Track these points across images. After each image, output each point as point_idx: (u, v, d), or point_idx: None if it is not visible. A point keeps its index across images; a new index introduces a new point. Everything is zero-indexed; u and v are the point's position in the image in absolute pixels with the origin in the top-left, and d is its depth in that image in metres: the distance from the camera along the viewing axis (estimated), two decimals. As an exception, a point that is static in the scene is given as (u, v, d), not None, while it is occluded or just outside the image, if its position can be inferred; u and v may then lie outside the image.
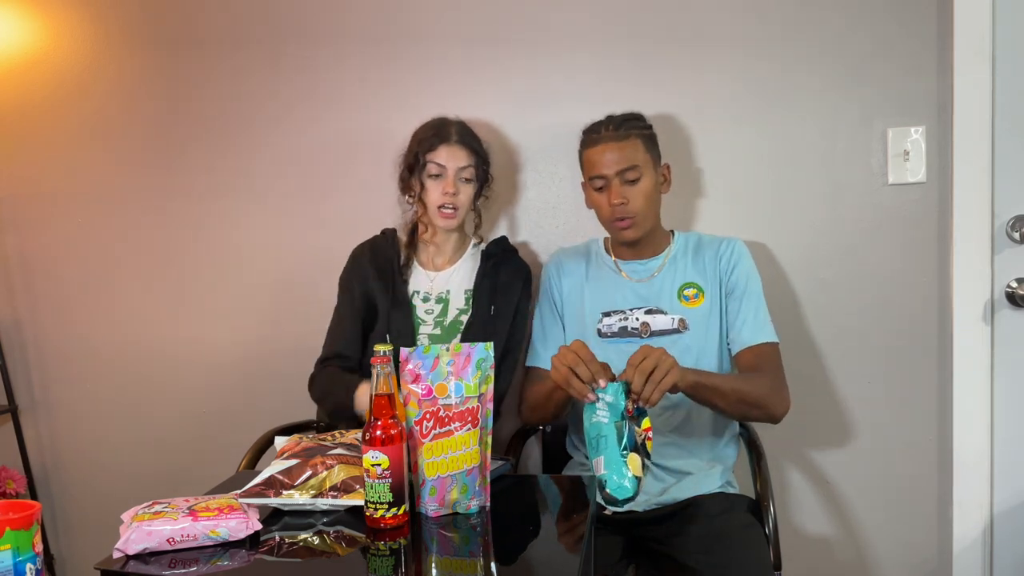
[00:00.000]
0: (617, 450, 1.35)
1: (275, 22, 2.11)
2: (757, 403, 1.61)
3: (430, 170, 1.75)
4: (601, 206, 1.71)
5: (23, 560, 1.04)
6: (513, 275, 1.84)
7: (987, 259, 1.85)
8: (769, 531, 1.62)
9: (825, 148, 1.91)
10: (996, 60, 1.81)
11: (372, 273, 1.80)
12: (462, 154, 1.76)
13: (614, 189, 1.67)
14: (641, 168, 1.67)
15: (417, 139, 1.78)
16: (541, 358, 1.78)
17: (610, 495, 1.35)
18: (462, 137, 1.77)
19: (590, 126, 1.75)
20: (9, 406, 2.33)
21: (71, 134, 2.26)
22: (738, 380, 1.63)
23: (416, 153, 1.76)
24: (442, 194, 1.74)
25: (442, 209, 1.75)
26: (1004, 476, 1.90)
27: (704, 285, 1.73)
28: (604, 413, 1.38)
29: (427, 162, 1.74)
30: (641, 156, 1.68)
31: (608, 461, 1.35)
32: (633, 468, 1.35)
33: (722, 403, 1.56)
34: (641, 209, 1.68)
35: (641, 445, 1.37)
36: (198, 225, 2.21)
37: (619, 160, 1.66)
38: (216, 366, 2.23)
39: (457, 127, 1.79)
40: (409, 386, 1.24)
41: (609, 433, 1.36)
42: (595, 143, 1.70)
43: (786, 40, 1.90)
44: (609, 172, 1.67)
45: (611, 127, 1.69)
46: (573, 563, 1.10)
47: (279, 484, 1.27)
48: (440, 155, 1.74)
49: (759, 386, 1.62)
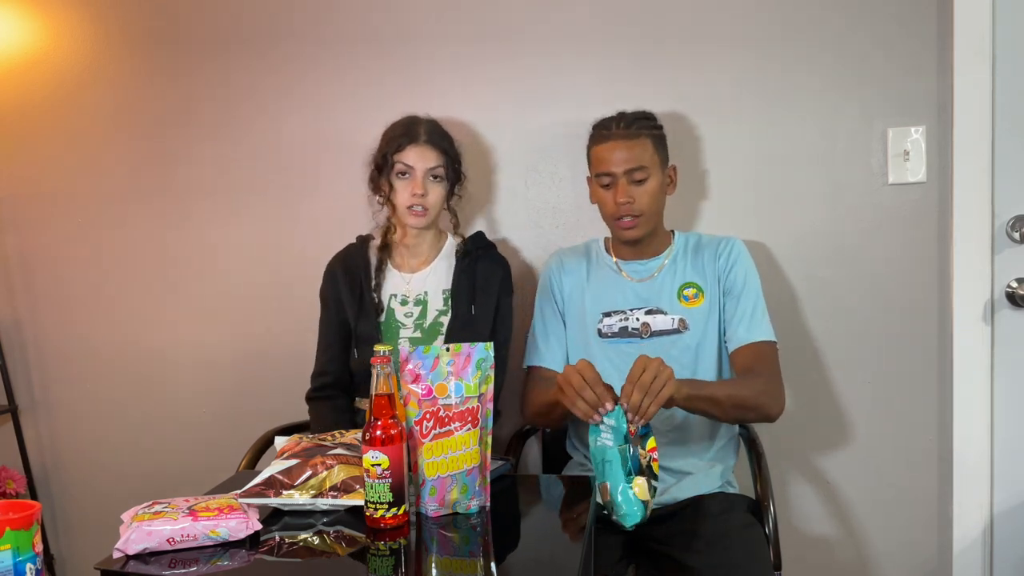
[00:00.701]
0: (622, 476, 1.36)
1: (277, 22, 2.11)
2: (753, 406, 1.61)
3: (398, 170, 1.73)
4: (606, 203, 1.71)
5: (23, 560, 1.04)
6: (491, 272, 1.81)
7: (987, 259, 1.85)
8: (769, 531, 1.62)
9: (825, 148, 1.91)
10: (996, 60, 1.81)
11: (343, 283, 1.80)
12: (431, 154, 1.73)
13: (621, 188, 1.67)
14: (649, 169, 1.67)
15: (386, 139, 1.76)
16: (544, 357, 1.78)
17: (618, 521, 1.36)
18: (431, 137, 1.75)
19: (601, 121, 1.74)
20: (9, 406, 2.33)
21: (71, 134, 2.26)
22: (733, 386, 1.63)
23: (384, 153, 1.74)
24: (411, 195, 1.73)
25: (412, 209, 1.73)
26: (1004, 476, 1.90)
27: (703, 285, 1.73)
28: (608, 436, 1.39)
29: (395, 162, 1.73)
30: (649, 157, 1.68)
31: (614, 487, 1.36)
32: (640, 492, 1.35)
33: (718, 412, 1.57)
34: (646, 209, 1.68)
35: (647, 467, 1.37)
36: (199, 225, 2.20)
37: (628, 159, 1.66)
38: (216, 366, 2.23)
39: (427, 126, 1.76)
40: (409, 386, 1.23)
41: (614, 458, 1.36)
42: (605, 140, 1.69)
43: (786, 40, 1.90)
44: (617, 170, 1.67)
45: (622, 124, 1.69)
46: (573, 563, 1.10)
47: (279, 484, 1.27)
48: (408, 155, 1.72)
49: (753, 388, 1.62)
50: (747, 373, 1.66)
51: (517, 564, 1.16)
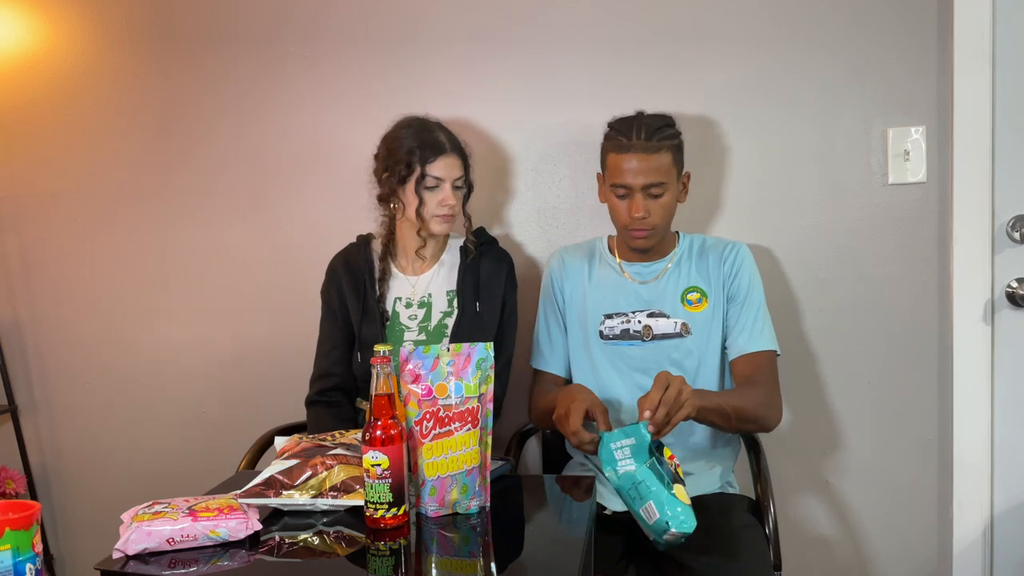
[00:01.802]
0: (664, 490, 1.34)
1: (276, 22, 2.11)
2: (753, 418, 1.62)
3: (428, 183, 1.68)
4: (619, 212, 1.68)
5: (23, 560, 1.04)
6: (495, 267, 1.79)
7: (987, 259, 1.85)
8: (769, 531, 1.62)
9: (825, 148, 1.91)
10: (996, 60, 1.81)
11: (346, 285, 1.78)
12: (457, 163, 1.71)
13: (637, 202, 1.63)
14: (667, 184, 1.63)
15: (405, 148, 1.69)
16: (548, 362, 1.79)
17: (677, 533, 1.33)
18: (454, 146, 1.72)
19: (619, 124, 1.67)
20: (9, 406, 2.33)
21: (71, 134, 2.25)
22: (736, 398, 1.62)
23: (409, 163, 1.68)
24: (439, 204, 1.70)
25: (440, 216, 1.71)
26: (1004, 476, 1.90)
27: (708, 290, 1.72)
28: (628, 461, 1.37)
29: (426, 174, 1.68)
30: (668, 170, 1.63)
31: (659, 503, 1.33)
32: (683, 498, 1.34)
33: (723, 423, 1.57)
34: (660, 222, 1.66)
35: (676, 474, 1.38)
36: (200, 225, 2.20)
37: (646, 173, 1.61)
38: (216, 366, 2.23)
39: (446, 134, 1.73)
40: (409, 386, 1.24)
41: (646, 477, 1.34)
42: (624, 150, 1.62)
43: (786, 40, 1.90)
44: (635, 184, 1.62)
45: (643, 135, 1.61)
46: (573, 563, 1.10)
47: (279, 484, 1.27)
48: (438, 167, 1.68)
49: (753, 400, 1.62)
50: (746, 382, 1.66)
51: (517, 564, 1.16)
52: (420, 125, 1.73)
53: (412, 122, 1.74)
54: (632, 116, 1.67)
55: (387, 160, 1.72)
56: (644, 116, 1.67)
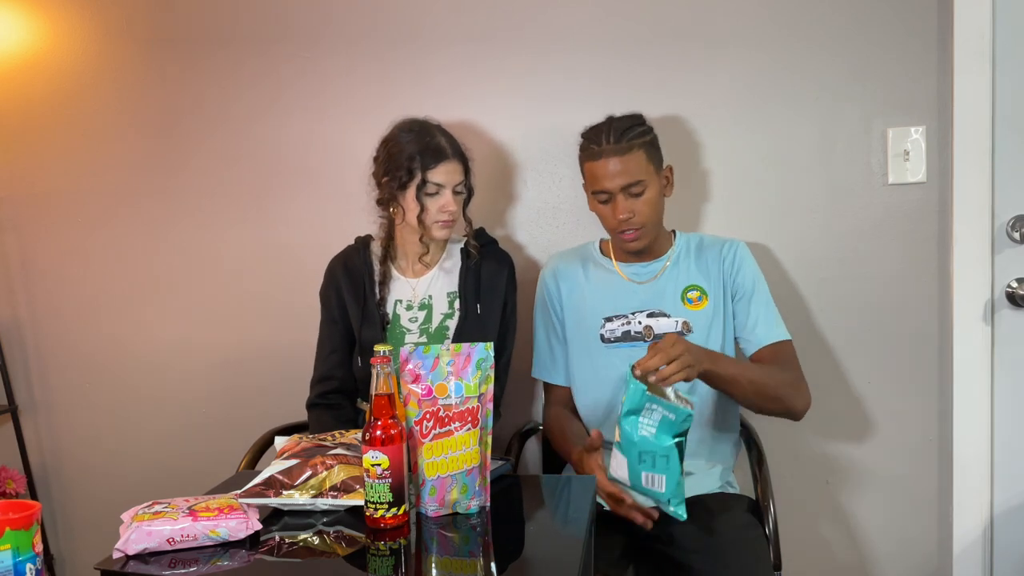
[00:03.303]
0: (679, 473, 1.35)
1: (277, 22, 2.11)
2: (775, 396, 1.61)
3: (429, 189, 1.67)
4: (606, 217, 1.69)
5: (23, 560, 1.04)
6: (496, 269, 1.79)
7: (987, 259, 1.85)
8: (769, 531, 1.62)
9: (825, 148, 1.91)
10: (996, 60, 1.81)
11: (345, 288, 1.78)
12: (458, 169, 1.70)
13: (619, 203, 1.64)
14: (645, 180, 1.64)
15: (406, 153, 1.67)
16: (552, 374, 1.81)
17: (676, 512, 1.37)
18: (455, 151, 1.70)
19: (590, 132, 1.69)
20: (9, 406, 2.33)
21: (71, 134, 2.26)
22: (758, 372, 1.62)
23: (410, 169, 1.67)
24: (439, 210, 1.69)
25: (441, 222, 1.70)
26: (1004, 476, 1.90)
27: (708, 287, 1.72)
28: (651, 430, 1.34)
29: (427, 181, 1.67)
30: (644, 167, 1.64)
31: (670, 482, 1.35)
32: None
33: (738, 394, 1.58)
34: (647, 220, 1.66)
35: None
36: (200, 225, 2.20)
37: (622, 174, 1.62)
38: (216, 366, 2.23)
39: (446, 139, 1.71)
40: (409, 386, 1.23)
41: (671, 454, 1.34)
42: (596, 156, 1.64)
43: (786, 40, 1.90)
44: (613, 187, 1.63)
45: (612, 138, 1.63)
46: (573, 563, 1.10)
47: (279, 484, 1.27)
48: (439, 174, 1.67)
49: (777, 379, 1.62)
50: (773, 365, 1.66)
51: (517, 564, 1.16)
52: (421, 129, 1.71)
53: (412, 125, 1.72)
54: (601, 122, 1.69)
55: (387, 164, 1.71)
56: (613, 120, 1.68)
